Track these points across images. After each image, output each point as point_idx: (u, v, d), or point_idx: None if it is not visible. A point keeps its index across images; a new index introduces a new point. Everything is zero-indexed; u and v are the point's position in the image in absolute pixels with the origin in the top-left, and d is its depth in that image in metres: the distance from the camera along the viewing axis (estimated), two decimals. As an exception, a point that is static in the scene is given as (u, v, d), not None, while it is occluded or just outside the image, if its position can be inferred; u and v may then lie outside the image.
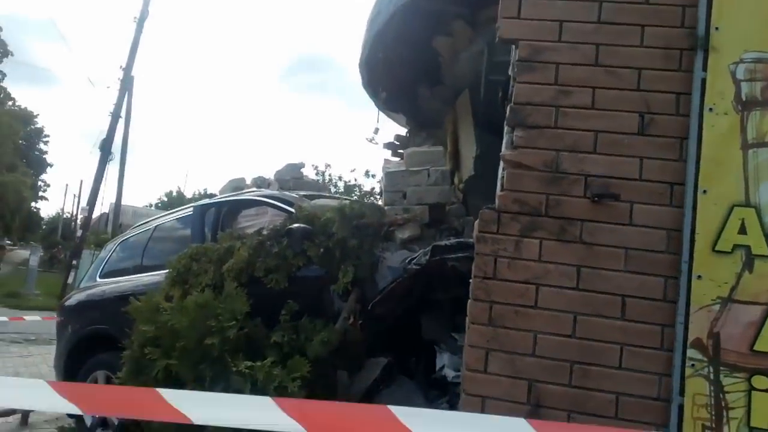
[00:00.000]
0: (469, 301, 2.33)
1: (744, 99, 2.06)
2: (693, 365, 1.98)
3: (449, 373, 3.76)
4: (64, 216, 38.48)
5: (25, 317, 9.84)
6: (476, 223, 2.41)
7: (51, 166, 41.72)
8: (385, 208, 4.07)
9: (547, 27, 2.30)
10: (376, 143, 6.71)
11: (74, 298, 5.44)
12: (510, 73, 2.42)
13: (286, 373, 3.05)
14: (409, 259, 3.76)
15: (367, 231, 3.91)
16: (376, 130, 6.67)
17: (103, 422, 4.80)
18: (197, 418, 1.63)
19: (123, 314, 4.93)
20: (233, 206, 4.85)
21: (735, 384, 1.93)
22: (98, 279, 5.43)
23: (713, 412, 1.94)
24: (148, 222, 5.93)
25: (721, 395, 1.94)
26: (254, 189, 5.21)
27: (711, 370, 1.96)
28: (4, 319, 8.87)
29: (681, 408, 2.00)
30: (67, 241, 28.67)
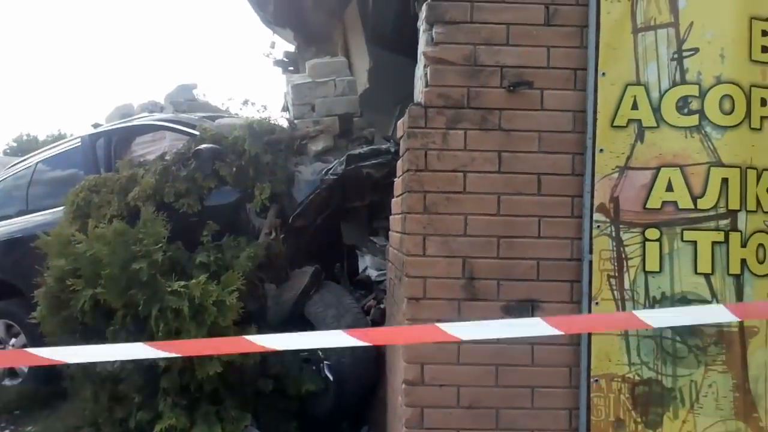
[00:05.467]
0: (403, 194, 2.49)
1: (633, -14, 2.30)
2: (598, 226, 2.31)
3: (372, 273, 4.00)
4: None
5: None
6: (403, 120, 2.53)
7: None
8: (295, 121, 4.07)
9: None
10: (273, 58, 6.51)
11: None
12: (424, -29, 2.48)
13: (221, 288, 3.09)
14: (324, 170, 3.85)
15: (279, 146, 3.92)
16: (273, 45, 6.46)
17: (11, 371, 4.59)
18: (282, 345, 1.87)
19: (13, 258, 4.62)
20: (126, 133, 4.58)
21: (632, 238, 2.28)
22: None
23: (616, 264, 2.30)
24: (23, 161, 5.44)
25: (621, 249, 2.30)
26: (146, 114, 4.92)
27: (613, 228, 2.30)
28: None
29: (590, 264, 2.34)
30: None
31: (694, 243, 2.22)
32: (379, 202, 3.91)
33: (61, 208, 4.13)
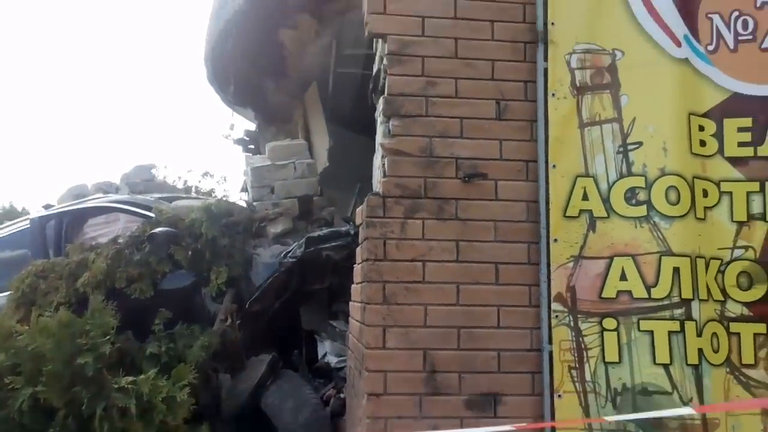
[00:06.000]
0: (362, 284, 2.46)
1: (578, 85, 2.42)
2: (557, 316, 2.31)
3: (332, 360, 3.88)
4: None
5: None
6: (362, 209, 2.54)
7: None
8: (254, 204, 4.04)
9: (412, 22, 2.48)
10: (235, 138, 6.54)
11: None
12: (381, 65, 2.56)
13: (171, 383, 2.93)
14: (284, 253, 3.79)
15: (237, 229, 3.86)
16: (232, 126, 6.51)
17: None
18: None
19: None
20: (78, 215, 4.45)
21: (590, 328, 2.29)
22: None
23: (576, 355, 2.29)
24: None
25: (580, 339, 2.29)
26: (100, 195, 4.82)
27: (571, 318, 2.31)
28: None
29: (551, 355, 2.32)
30: None
31: (651, 333, 2.24)
32: (339, 285, 3.85)
33: (5, 294, 3.93)
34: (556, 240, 2.34)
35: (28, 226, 4.53)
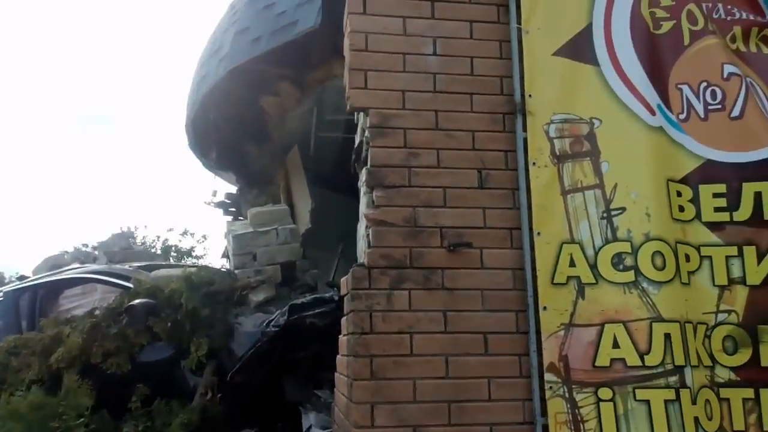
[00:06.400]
0: (348, 357, 2.39)
1: (558, 153, 2.46)
2: (551, 387, 2.26)
3: (317, 432, 3.73)
4: None
5: None
6: (346, 280, 2.50)
7: None
8: (236, 271, 3.97)
9: (393, 96, 2.52)
10: (216, 202, 6.51)
11: None
12: (363, 137, 2.59)
13: (149, 466, 2.79)
14: (266, 321, 3.70)
15: (218, 298, 3.79)
16: (215, 193, 6.49)
17: None
18: None
19: None
20: (53, 287, 4.35)
21: (586, 398, 2.23)
22: None
23: (572, 427, 2.22)
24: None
25: (576, 411, 2.23)
26: (77, 265, 4.72)
27: (565, 389, 2.25)
28: None
29: (544, 428, 2.25)
30: None
31: (648, 402, 2.19)
32: (323, 352, 3.75)
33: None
34: (545, 308, 2.31)
35: (1, 299, 4.40)
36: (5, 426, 2.82)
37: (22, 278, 4.62)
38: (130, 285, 3.91)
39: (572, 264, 2.34)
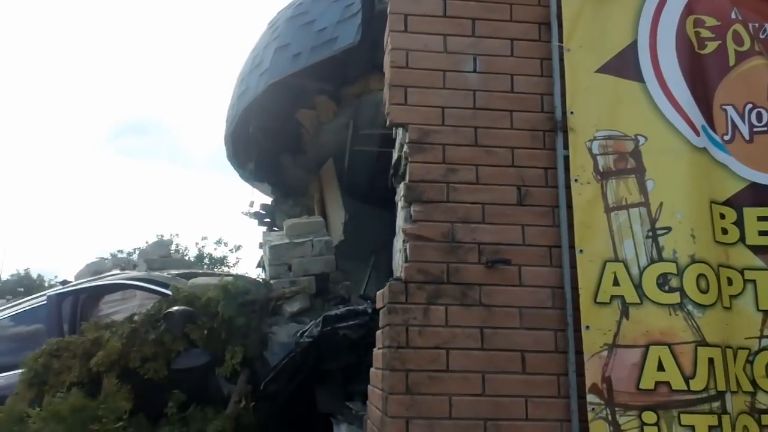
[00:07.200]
0: (384, 371, 2.39)
1: (601, 170, 2.43)
2: (593, 409, 2.21)
3: (349, 445, 3.72)
4: None
5: None
6: (383, 293, 2.50)
7: None
8: (271, 281, 4.02)
9: (432, 112, 2.54)
10: (252, 212, 6.63)
11: None
12: (401, 152, 2.60)
13: (184, 472, 2.82)
14: (300, 332, 3.73)
15: (253, 307, 3.83)
16: (252, 204, 6.61)
17: None
18: None
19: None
20: (95, 292, 4.45)
21: (629, 422, 2.18)
22: None
23: (615, 451, 2.17)
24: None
25: (620, 435, 2.18)
26: (118, 271, 4.83)
27: (608, 411, 2.20)
28: None
29: (583, 450, 2.21)
30: None
31: (693, 427, 2.14)
32: (355, 365, 3.76)
33: (18, 371, 3.87)
34: (587, 327, 2.28)
35: (45, 302, 4.52)
36: (47, 427, 2.90)
37: (64, 282, 4.74)
38: (169, 292, 3.98)
39: (616, 283, 2.31)
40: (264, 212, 6.96)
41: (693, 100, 2.49)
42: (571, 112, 2.50)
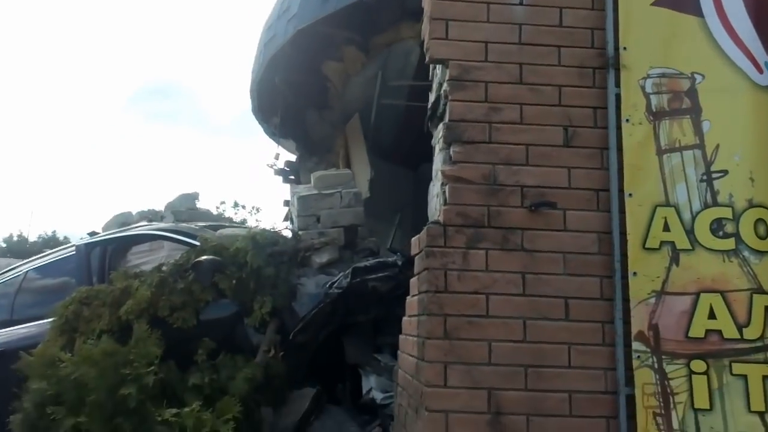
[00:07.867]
0: (421, 317, 2.32)
1: (654, 110, 2.29)
2: (639, 357, 2.13)
3: (377, 396, 3.70)
4: None
5: None
6: (419, 238, 2.42)
7: None
8: (299, 233, 3.96)
9: (474, 48, 2.40)
10: (277, 168, 6.56)
11: None
12: (440, 92, 2.48)
13: (215, 416, 2.82)
14: (329, 283, 3.68)
15: (282, 258, 3.78)
16: (277, 156, 6.53)
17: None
18: None
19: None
20: (122, 243, 4.44)
21: (677, 370, 2.09)
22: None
23: (661, 400, 2.09)
24: (13, 269, 5.25)
25: (666, 382, 2.10)
26: (145, 223, 4.82)
27: (654, 359, 2.12)
28: None
29: (628, 398, 2.13)
30: None
31: (745, 377, 2.05)
32: (384, 317, 3.72)
33: (48, 320, 3.90)
34: (635, 274, 2.17)
35: (73, 253, 4.53)
36: (79, 370, 2.89)
37: (93, 234, 4.75)
38: (197, 243, 3.95)
39: (666, 228, 2.19)
40: (288, 169, 6.89)
41: (756, 34, 2.31)
42: (624, 48, 2.34)
